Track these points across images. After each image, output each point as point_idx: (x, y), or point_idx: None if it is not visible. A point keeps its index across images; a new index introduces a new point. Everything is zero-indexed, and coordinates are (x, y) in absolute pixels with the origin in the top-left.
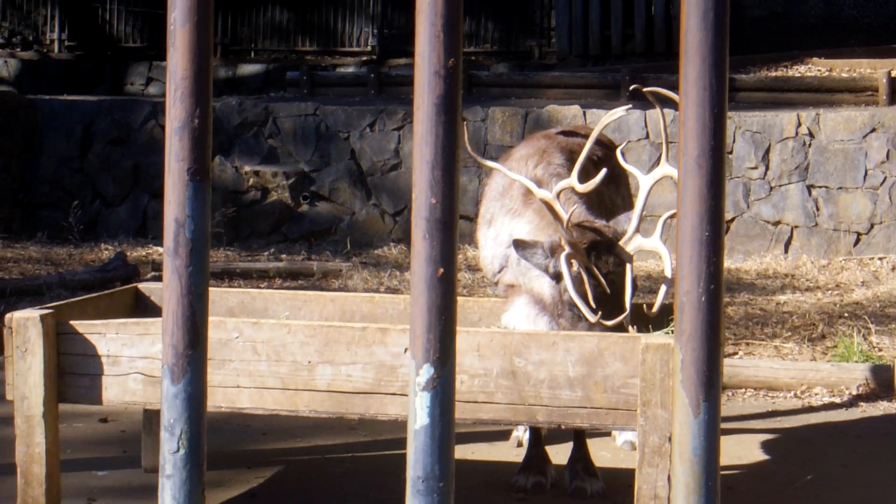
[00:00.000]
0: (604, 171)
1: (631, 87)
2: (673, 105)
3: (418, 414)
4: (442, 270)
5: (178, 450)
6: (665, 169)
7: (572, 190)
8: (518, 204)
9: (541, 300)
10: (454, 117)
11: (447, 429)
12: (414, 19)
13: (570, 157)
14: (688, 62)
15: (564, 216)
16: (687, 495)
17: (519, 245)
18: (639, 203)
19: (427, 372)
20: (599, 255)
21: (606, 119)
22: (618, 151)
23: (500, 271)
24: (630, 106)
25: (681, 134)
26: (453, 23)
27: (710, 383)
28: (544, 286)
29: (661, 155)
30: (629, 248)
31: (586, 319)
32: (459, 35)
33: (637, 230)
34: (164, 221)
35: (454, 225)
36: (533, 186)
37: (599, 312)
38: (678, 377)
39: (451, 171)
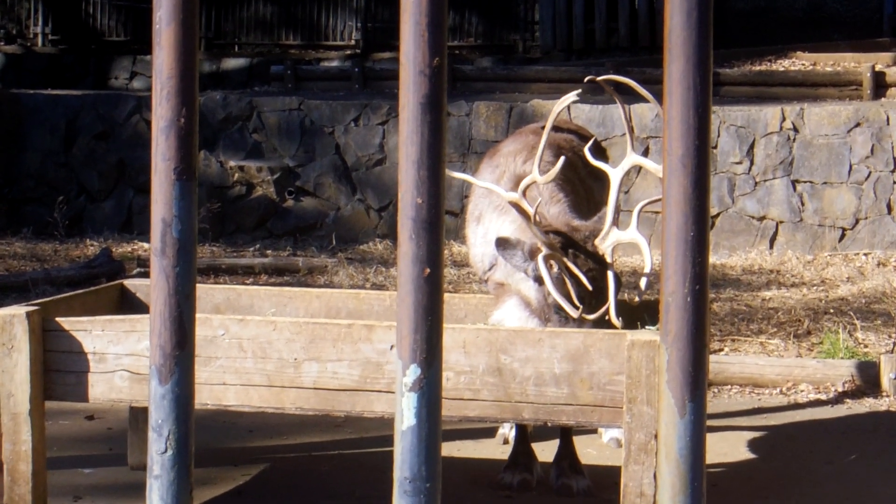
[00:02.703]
0: (562, 159)
1: (586, 79)
2: (635, 94)
3: (405, 414)
4: (428, 270)
5: (165, 450)
6: (633, 158)
7: (557, 188)
8: (505, 201)
9: (529, 303)
10: (439, 117)
11: (434, 429)
12: (398, 13)
13: (559, 152)
14: (672, 61)
15: (530, 212)
16: (673, 495)
17: (501, 244)
18: (612, 197)
19: (414, 372)
20: (577, 253)
21: (558, 107)
22: (585, 149)
23: (490, 269)
24: (580, 91)
25: (665, 133)
26: (438, 22)
27: (696, 384)
28: (531, 290)
29: (628, 147)
30: (607, 243)
31: (572, 320)
32: (444, 34)
33: (613, 224)
34: (150, 221)
35: (440, 225)
36: (499, 189)
37: (581, 307)
38: (664, 377)
39: (437, 171)
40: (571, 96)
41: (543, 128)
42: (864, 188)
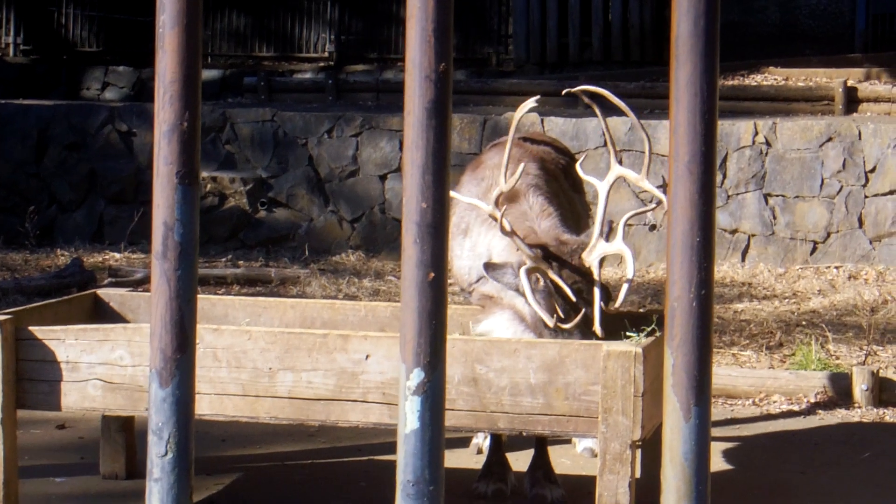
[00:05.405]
0: (522, 164)
1: (563, 92)
2: (611, 108)
3: (408, 418)
4: (433, 275)
5: (166, 453)
6: (617, 170)
7: (546, 201)
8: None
9: (524, 318)
10: (445, 122)
11: (437, 433)
12: (371, 26)
13: (543, 165)
14: (679, 67)
15: (507, 225)
16: (678, 500)
17: (489, 267)
18: (599, 209)
19: (417, 376)
20: (563, 266)
21: (519, 113)
22: (577, 165)
23: (477, 281)
24: (539, 97)
25: (671, 139)
26: (444, 28)
27: (701, 388)
28: (524, 305)
29: (612, 159)
30: (594, 255)
31: (562, 332)
32: (450, 40)
33: (600, 236)
34: (152, 225)
35: (444, 229)
36: (481, 204)
37: (556, 316)
38: (669, 382)
39: (442, 176)
40: (530, 102)
41: (523, 139)
42: (835, 202)
